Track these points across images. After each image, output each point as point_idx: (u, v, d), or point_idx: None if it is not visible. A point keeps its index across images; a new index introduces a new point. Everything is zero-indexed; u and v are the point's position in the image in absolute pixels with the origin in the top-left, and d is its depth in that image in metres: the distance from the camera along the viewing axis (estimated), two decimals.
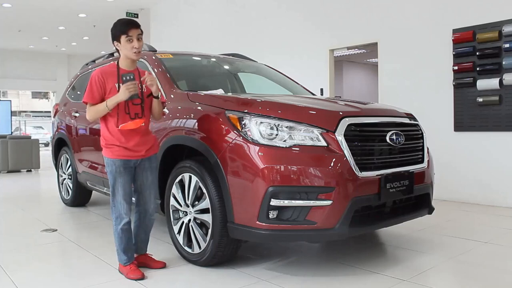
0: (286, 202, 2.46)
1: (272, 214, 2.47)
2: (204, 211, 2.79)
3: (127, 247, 2.76)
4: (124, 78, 2.59)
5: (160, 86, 3.40)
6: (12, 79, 18.09)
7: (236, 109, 2.73)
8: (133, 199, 2.82)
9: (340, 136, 2.56)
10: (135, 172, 2.77)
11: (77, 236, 3.80)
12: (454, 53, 5.25)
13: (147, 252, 2.96)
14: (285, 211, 2.48)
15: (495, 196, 4.98)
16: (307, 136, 2.56)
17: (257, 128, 2.57)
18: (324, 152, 2.52)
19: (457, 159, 5.26)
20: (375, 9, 6.13)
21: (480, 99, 5.01)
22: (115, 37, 2.66)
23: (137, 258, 2.86)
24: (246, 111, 2.68)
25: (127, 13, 11.56)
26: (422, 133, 3.13)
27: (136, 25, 2.66)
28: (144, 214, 2.87)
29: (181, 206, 2.98)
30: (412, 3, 5.72)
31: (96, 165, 4.33)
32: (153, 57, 3.73)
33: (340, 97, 5.98)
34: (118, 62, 2.73)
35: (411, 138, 2.99)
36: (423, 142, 3.11)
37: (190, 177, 2.89)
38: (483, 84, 4.99)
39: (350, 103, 3.09)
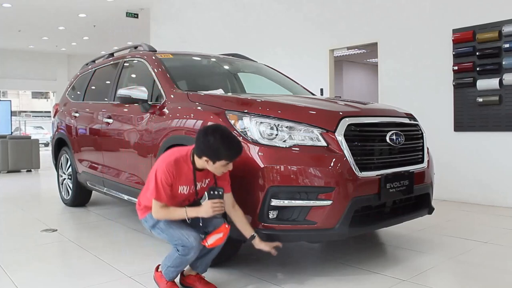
0: (286, 202, 2.46)
1: (272, 214, 2.47)
2: None
3: (182, 269, 2.46)
4: (211, 193, 2.28)
5: (160, 86, 3.41)
6: (12, 79, 18.14)
7: (236, 109, 2.72)
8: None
9: (340, 136, 2.56)
10: None
11: (77, 236, 3.80)
12: (454, 53, 5.25)
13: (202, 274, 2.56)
14: (285, 211, 2.48)
15: (495, 196, 4.98)
16: (307, 136, 2.56)
17: (257, 128, 2.57)
18: (324, 152, 2.52)
19: (457, 159, 5.26)
20: (375, 9, 6.13)
21: (480, 99, 5.01)
22: (214, 156, 2.23)
23: (188, 277, 2.52)
24: (246, 111, 2.68)
25: (127, 13, 11.56)
26: (422, 133, 3.13)
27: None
28: None
29: None
30: (412, 3, 5.72)
31: (96, 165, 4.33)
32: (153, 57, 3.72)
33: (340, 97, 5.97)
34: (193, 159, 2.33)
35: (411, 138, 2.99)
36: (423, 142, 3.11)
37: None
38: (483, 84, 4.99)
39: (350, 103, 3.08)
